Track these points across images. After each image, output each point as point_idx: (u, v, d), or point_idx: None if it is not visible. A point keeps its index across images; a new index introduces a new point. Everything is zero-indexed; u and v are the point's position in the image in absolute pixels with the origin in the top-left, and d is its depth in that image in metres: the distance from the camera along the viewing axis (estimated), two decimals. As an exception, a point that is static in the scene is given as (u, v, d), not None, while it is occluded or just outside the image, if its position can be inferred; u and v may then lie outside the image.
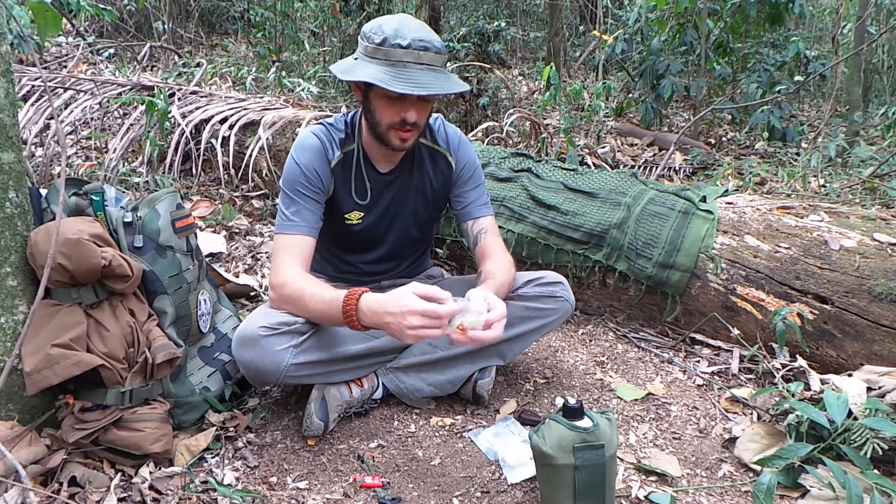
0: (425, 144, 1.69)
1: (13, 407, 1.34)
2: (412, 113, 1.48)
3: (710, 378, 1.81)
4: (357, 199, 1.64)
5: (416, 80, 1.42)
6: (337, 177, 1.62)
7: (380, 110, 1.50)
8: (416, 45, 1.43)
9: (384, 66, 1.43)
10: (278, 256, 1.54)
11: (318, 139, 1.60)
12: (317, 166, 1.58)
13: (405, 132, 1.51)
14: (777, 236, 1.91)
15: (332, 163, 1.60)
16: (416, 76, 1.42)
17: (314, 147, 1.59)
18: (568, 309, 1.68)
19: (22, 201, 1.36)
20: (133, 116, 3.26)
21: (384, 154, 1.64)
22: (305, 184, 1.56)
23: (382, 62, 1.44)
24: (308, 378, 1.54)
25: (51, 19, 1.91)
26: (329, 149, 1.61)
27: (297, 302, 1.47)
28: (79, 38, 5.85)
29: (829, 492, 1.27)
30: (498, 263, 1.64)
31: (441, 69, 1.47)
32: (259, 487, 1.39)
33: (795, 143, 4.57)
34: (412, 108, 1.47)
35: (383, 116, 1.50)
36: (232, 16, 7.56)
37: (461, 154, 1.72)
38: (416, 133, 1.54)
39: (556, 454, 1.20)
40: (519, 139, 3.81)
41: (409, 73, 1.42)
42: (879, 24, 6.18)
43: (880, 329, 1.70)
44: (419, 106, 1.49)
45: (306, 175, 1.56)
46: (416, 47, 1.43)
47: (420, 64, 1.44)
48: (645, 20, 5.35)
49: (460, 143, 1.73)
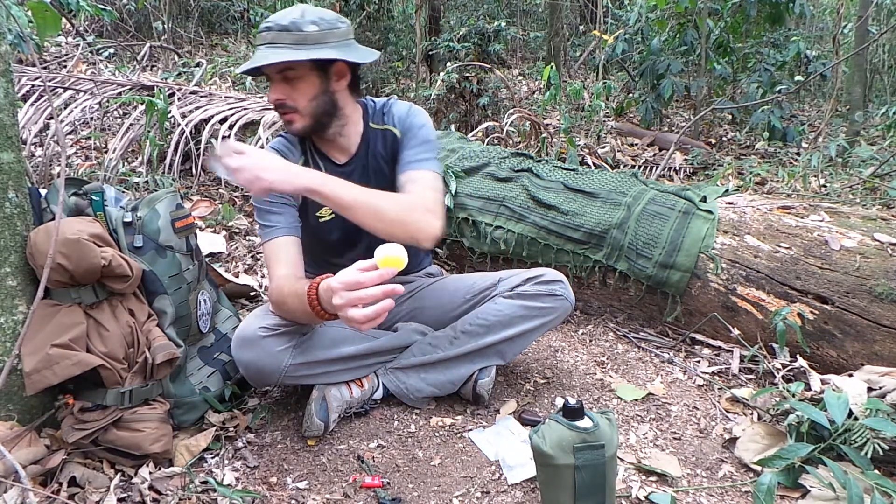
0: (376, 128, 1.65)
1: (13, 407, 1.33)
2: (272, 92, 1.49)
3: (710, 378, 1.81)
4: None
5: (259, 59, 1.43)
6: None
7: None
8: (262, 28, 1.47)
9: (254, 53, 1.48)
10: (268, 268, 1.55)
11: (275, 150, 1.60)
12: None
13: (282, 114, 1.52)
14: (777, 236, 1.91)
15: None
16: (256, 56, 1.45)
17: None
18: (568, 307, 1.67)
19: (21, 201, 1.36)
20: (133, 116, 3.26)
21: (333, 146, 1.62)
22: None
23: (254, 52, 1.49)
24: (308, 378, 1.54)
25: (50, 19, 1.91)
26: (289, 154, 1.60)
27: (282, 307, 1.46)
28: (78, 38, 5.85)
29: (830, 492, 1.27)
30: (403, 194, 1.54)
31: (287, 45, 1.44)
32: (259, 487, 1.39)
33: (796, 143, 4.56)
34: (273, 88, 1.49)
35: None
36: (232, 16, 7.55)
37: (404, 121, 1.64)
38: (298, 116, 1.51)
39: (557, 454, 1.20)
40: (519, 139, 3.81)
41: (260, 54, 1.45)
42: (880, 24, 6.18)
43: (881, 329, 1.70)
44: (283, 86, 1.48)
45: None
46: (262, 30, 1.46)
47: (264, 44, 1.46)
48: (645, 20, 5.35)
49: (408, 114, 1.65)
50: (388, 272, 1.19)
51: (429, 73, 5.93)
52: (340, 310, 1.22)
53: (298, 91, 1.49)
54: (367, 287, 1.20)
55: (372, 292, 1.19)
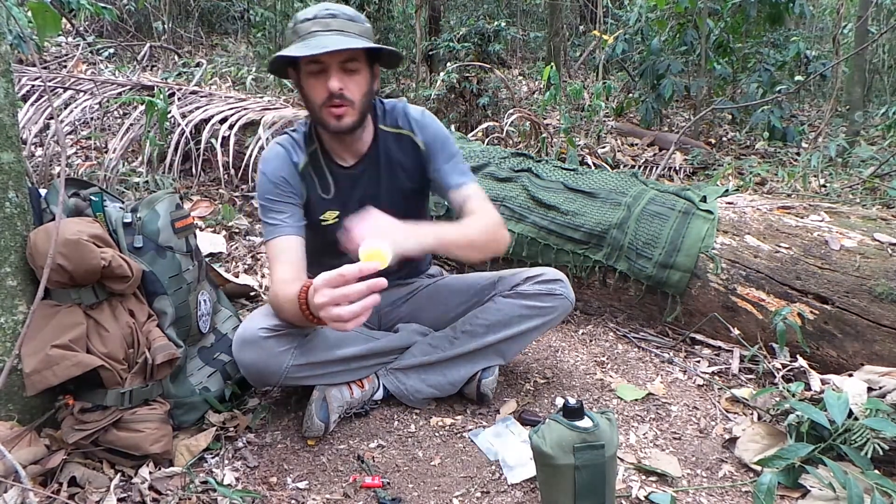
0: (388, 130, 1.62)
1: (13, 407, 1.33)
2: (334, 81, 1.42)
3: (710, 378, 1.81)
4: (322, 194, 1.61)
5: (321, 44, 1.39)
6: (307, 181, 1.59)
7: (310, 90, 1.47)
8: (322, 14, 1.43)
9: (297, 43, 1.43)
10: (270, 269, 1.53)
11: (281, 147, 1.59)
12: (284, 173, 1.56)
13: (335, 107, 1.45)
14: (777, 236, 1.91)
15: (300, 166, 1.58)
16: (324, 41, 1.40)
17: (278, 154, 1.58)
18: (568, 306, 1.67)
19: (21, 201, 1.36)
20: (133, 116, 3.26)
21: (344, 147, 1.59)
22: (276, 191, 1.55)
23: (296, 41, 1.44)
24: (309, 379, 1.54)
25: (50, 19, 1.91)
26: (293, 153, 1.59)
27: (280, 313, 1.45)
28: (78, 38, 5.84)
29: (830, 492, 1.27)
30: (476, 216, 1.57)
31: (356, 35, 1.44)
32: (259, 487, 1.39)
33: (796, 143, 4.56)
34: (334, 77, 1.43)
35: (314, 96, 1.47)
36: (232, 16, 7.56)
37: (426, 130, 1.63)
38: (351, 110, 1.46)
39: (557, 454, 1.20)
40: (519, 139, 3.81)
41: (318, 40, 1.40)
42: (880, 24, 6.18)
43: (881, 329, 1.70)
44: (342, 76, 1.44)
45: (274, 182, 1.55)
46: (322, 16, 1.43)
47: (329, 30, 1.42)
48: (645, 20, 5.35)
49: (423, 119, 1.64)
50: (368, 266, 1.16)
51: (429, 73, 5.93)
52: (322, 308, 1.19)
53: (355, 83, 1.47)
54: (349, 282, 1.17)
55: (355, 289, 1.17)
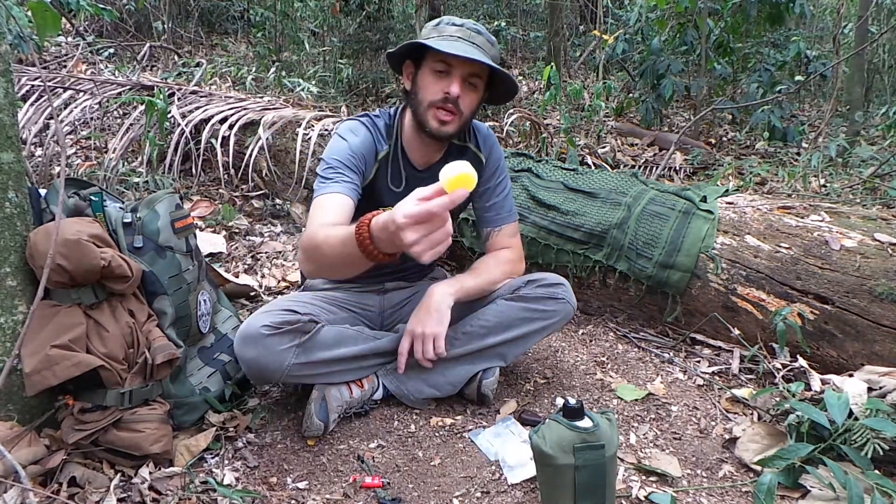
0: (457, 143, 1.70)
1: (13, 407, 1.33)
2: (455, 86, 1.49)
3: (710, 378, 1.81)
4: (392, 186, 1.65)
5: (465, 50, 1.47)
6: (381, 170, 1.64)
7: (426, 87, 1.53)
8: (470, 26, 1.52)
9: (437, 39, 1.50)
10: (311, 217, 1.46)
11: (367, 129, 1.63)
12: (365, 151, 1.60)
13: (445, 112, 1.51)
14: (777, 236, 1.91)
15: (380, 155, 1.63)
16: (467, 49, 1.48)
17: (366, 136, 1.62)
18: (569, 311, 1.67)
19: (21, 201, 1.36)
20: (133, 116, 3.26)
21: (422, 150, 1.65)
22: (352, 160, 1.56)
23: (436, 38, 1.50)
24: (309, 378, 1.54)
25: (50, 19, 1.91)
26: (379, 141, 1.64)
27: (313, 252, 1.32)
28: (78, 38, 5.84)
29: (830, 492, 1.27)
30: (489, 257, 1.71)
31: (490, 58, 1.51)
32: (259, 488, 1.39)
33: (796, 143, 4.56)
34: (456, 83, 1.50)
35: (428, 92, 1.52)
36: (232, 16, 7.54)
37: (492, 152, 1.74)
38: (457, 119, 1.54)
39: (557, 454, 1.20)
40: (519, 139, 3.81)
41: (462, 46, 1.48)
42: (880, 24, 6.18)
43: (881, 329, 1.70)
44: (464, 87, 1.51)
45: (354, 154, 1.57)
46: (470, 27, 1.52)
47: (472, 42, 1.50)
48: (645, 20, 5.35)
49: (490, 141, 1.74)
50: (458, 196, 1.00)
51: (429, 73, 5.90)
52: (411, 246, 1.02)
53: (470, 98, 1.55)
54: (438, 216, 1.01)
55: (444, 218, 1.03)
